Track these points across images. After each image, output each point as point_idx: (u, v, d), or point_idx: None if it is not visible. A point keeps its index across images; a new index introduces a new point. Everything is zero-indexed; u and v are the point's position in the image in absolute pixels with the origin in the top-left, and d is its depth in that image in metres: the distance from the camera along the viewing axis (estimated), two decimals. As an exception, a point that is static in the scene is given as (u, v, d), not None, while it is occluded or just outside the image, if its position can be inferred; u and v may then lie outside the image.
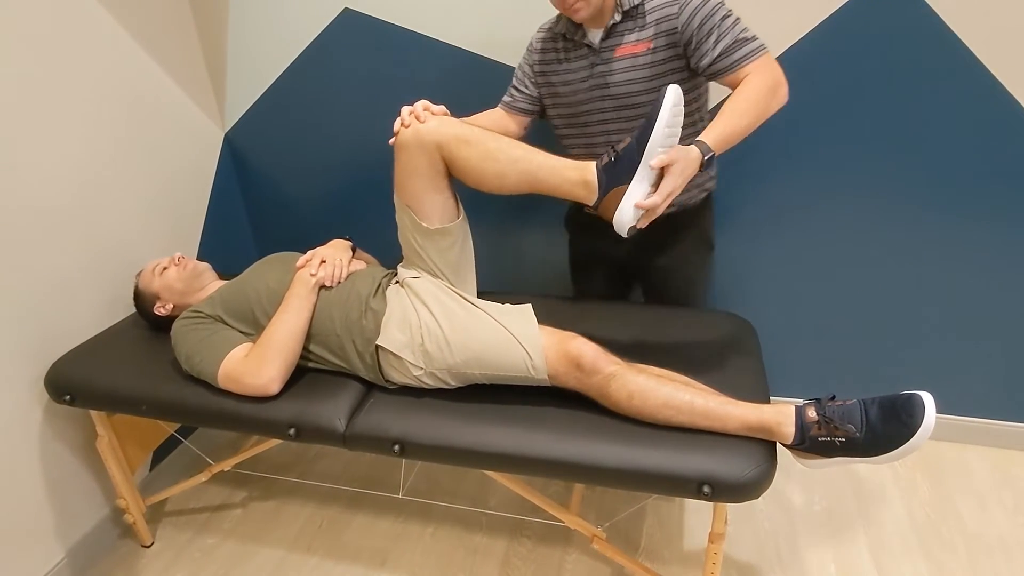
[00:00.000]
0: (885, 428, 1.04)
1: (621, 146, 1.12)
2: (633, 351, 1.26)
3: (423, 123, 1.20)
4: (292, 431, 1.27)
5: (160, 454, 1.84)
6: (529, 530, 1.65)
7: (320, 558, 1.61)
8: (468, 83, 1.73)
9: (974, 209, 1.58)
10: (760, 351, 1.40)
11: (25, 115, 1.40)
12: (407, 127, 1.22)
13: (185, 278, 1.49)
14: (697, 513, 1.68)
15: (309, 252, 1.40)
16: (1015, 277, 1.63)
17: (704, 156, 1.10)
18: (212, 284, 1.53)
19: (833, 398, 1.11)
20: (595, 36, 1.30)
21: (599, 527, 1.37)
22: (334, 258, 1.38)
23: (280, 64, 1.86)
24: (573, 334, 1.20)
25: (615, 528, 1.63)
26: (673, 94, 1.06)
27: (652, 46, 1.24)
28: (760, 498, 1.67)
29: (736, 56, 1.19)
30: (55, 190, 1.48)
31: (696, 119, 1.36)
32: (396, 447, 1.22)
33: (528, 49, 1.43)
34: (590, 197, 1.15)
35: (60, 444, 1.53)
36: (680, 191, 1.10)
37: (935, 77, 1.48)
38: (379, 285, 1.36)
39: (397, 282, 1.38)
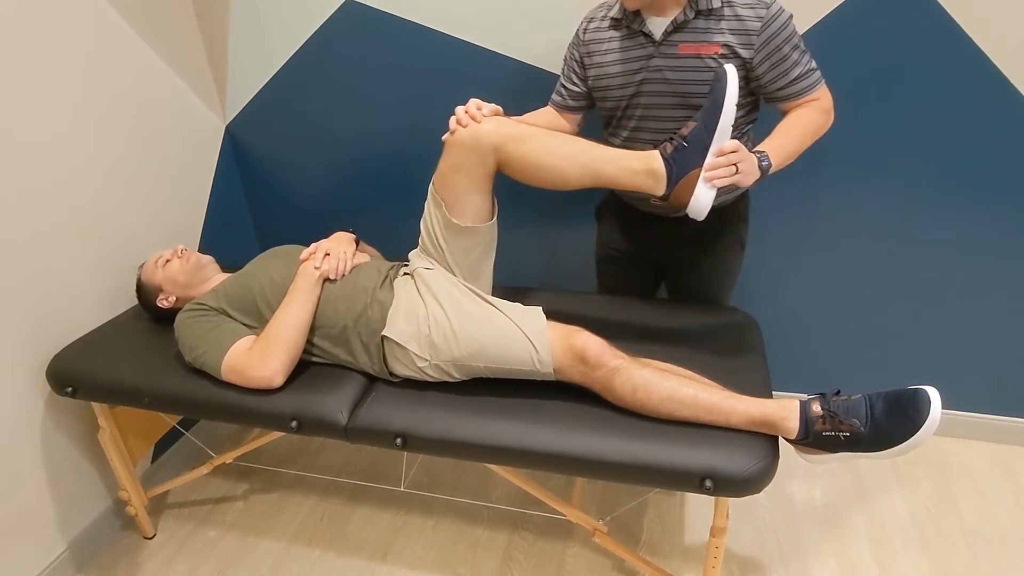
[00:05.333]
0: (890, 423, 1.04)
1: (687, 131, 1.12)
2: (637, 346, 1.26)
3: (480, 123, 1.19)
4: (294, 424, 1.27)
5: (162, 446, 1.84)
6: (530, 523, 1.65)
7: (322, 551, 1.62)
8: (472, 76, 1.72)
9: (976, 206, 1.58)
10: (763, 347, 1.40)
11: (25, 107, 1.40)
12: (464, 127, 1.20)
13: (188, 270, 1.48)
14: (698, 507, 1.68)
15: (313, 245, 1.40)
16: (1017, 274, 1.63)
17: (761, 162, 1.14)
18: (215, 277, 1.53)
19: (838, 393, 1.11)
20: (656, 27, 1.24)
21: (600, 521, 1.37)
22: (338, 251, 1.38)
23: (282, 56, 1.85)
24: (578, 328, 1.20)
25: (616, 522, 1.63)
26: (734, 74, 1.09)
27: (722, 51, 1.20)
28: (762, 493, 1.68)
29: (804, 85, 1.22)
30: (57, 182, 1.47)
31: (749, 134, 1.35)
32: (398, 440, 1.22)
33: (574, 41, 1.38)
34: (657, 187, 1.15)
35: (62, 436, 1.53)
36: (742, 185, 1.13)
37: (940, 72, 1.47)
38: (386, 277, 1.36)
39: (406, 273, 1.38)
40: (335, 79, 1.84)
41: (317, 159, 1.98)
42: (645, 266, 1.56)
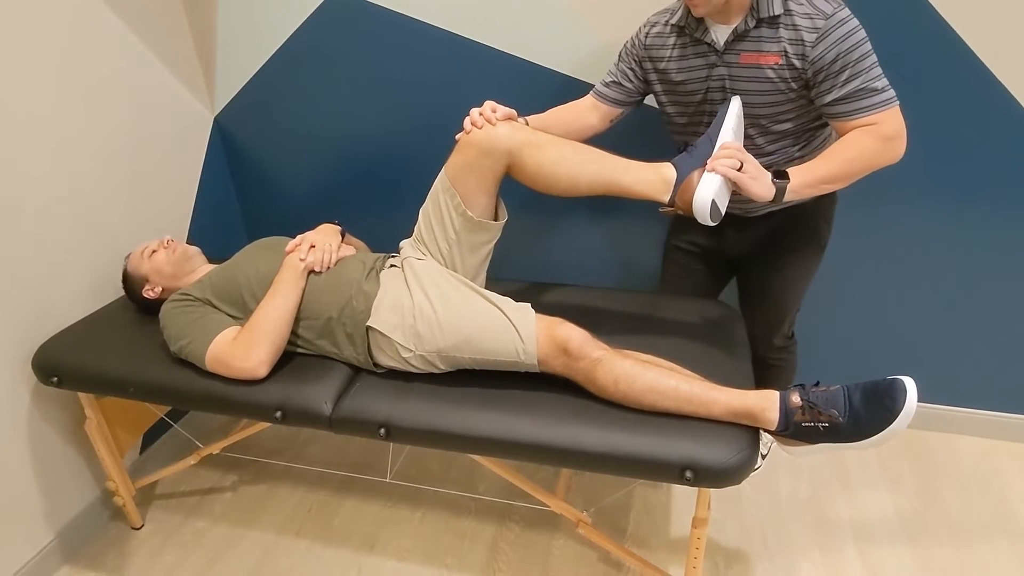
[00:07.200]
0: (868, 413, 1.04)
1: (695, 140, 1.17)
2: (620, 338, 1.26)
3: (494, 127, 1.19)
4: (278, 414, 1.27)
5: (151, 437, 1.84)
6: (517, 515, 1.66)
7: (309, 542, 1.62)
8: (460, 69, 1.72)
9: (965, 203, 1.58)
10: (747, 340, 1.40)
11: (11, 98, 1.39)
12: (480, 128, 1.20)
13: (174, 261, 1.48)
14: (684, 500, 1.69)
15: (299, 237, 1.40)
16: (1007, 270, 1.63)
17: (773, 179, 1.12)
18: (202, 268, 1.52)
19: (817, 384, 1.12)
20: (719, 35, 1.21)
21: (585, 512, 1.37)
22: (323, 243, 1.38)
23: (270, 45, 1.84)
24: (560, 319, 1.20)
25: (603, 514, 1.64)
26: (737, 101, 1.17)
27: (781, 61, 1.16)
28: (747, 486, 1.68)
29: (859, 105, 1.13)
30: (44, 173, 1.47)
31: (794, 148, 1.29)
32: (382, 430, 1.22)
33: (635, 43, 1.34)
34: (665, 193, 1.16)
35: (49, 426, 1.53)
36: (748, 190, 1.11)
37: (934, 76, 1.46)
38: (371, 268, 1.36)
39: (393, 264, 1.38)
40: (324, 70, 1.83)
41: (305, 151, 1.98)
42: (717, 261, 1.52)
